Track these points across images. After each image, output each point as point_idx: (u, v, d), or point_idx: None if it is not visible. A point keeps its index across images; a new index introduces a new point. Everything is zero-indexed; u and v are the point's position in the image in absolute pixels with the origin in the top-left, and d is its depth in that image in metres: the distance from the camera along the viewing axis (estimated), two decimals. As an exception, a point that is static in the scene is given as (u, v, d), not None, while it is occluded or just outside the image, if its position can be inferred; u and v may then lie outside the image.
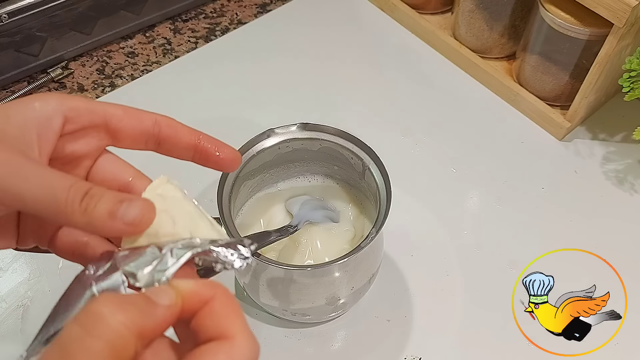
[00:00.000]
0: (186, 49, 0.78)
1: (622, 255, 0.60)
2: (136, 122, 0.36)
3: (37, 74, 0.73)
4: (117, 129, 0.35)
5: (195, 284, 0.29)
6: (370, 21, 0.81)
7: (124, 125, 0.35)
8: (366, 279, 0.52)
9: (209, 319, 0.28)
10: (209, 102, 0.72)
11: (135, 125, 0.36)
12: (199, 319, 0.28)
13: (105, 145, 0.36)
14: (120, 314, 0.26)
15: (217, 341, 0.28)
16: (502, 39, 0.73)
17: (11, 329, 0.54)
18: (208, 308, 0.28)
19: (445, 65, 0.77)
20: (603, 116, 0.72)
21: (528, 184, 0.66)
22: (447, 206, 0.64)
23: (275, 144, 0.52)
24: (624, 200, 0.65)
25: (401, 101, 0.73)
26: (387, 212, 0.47)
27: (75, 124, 0.33)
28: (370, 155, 0.51)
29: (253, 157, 0.51)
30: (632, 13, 0.56)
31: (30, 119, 0.31)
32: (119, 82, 0.74)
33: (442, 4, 0.78)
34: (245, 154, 0.51)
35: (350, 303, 0.54)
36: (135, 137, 0.36)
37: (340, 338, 0.56)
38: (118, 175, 0.36)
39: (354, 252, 0.46)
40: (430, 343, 0.55)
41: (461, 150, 0.69)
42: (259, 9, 0.83)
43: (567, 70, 0.66)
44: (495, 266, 0.60)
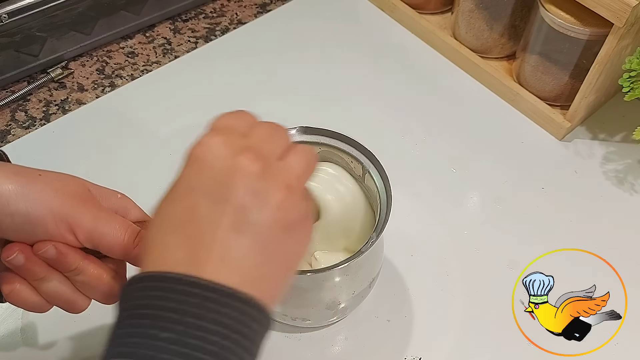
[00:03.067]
0: (186, 49, 0.78)
1: (622, 255, 0.60)
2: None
3: (37, 74, 0.73)
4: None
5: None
6: (370, 21, 0.81)
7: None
8: (367, 283, 0.51)
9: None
10: (208, 102, 0.72)
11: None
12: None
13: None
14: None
15: None
16: (502, 39, 0.73)
17: (11, 329, 0.54)
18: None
19: (445, 65, 0.77)
20: (603, 116, 0.72)
21: (528, 184, 0.66)
22: (447, 206, 0.64)
23: None
24: (624, 200, 0.65)
25: (401, 101, 0.73)
26: (387, 216, 0.47)
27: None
28: (371, 159, 0.50)
29: None
30: (632, 13, 0.56)
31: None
32: (119, 82, 0.74)
33: (442, 4, 0.78)
34: None
35: (350, 307, 0.54)
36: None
37: (340, 338, 0.55)
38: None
39: (355, 257, 0.45)
40: (431, 343, 0.55)
41: (461, 150, 0.69)
42: (259, 9, 0.83)
43: (567, 70, 0.66)
44: (495, 266, 0.60)
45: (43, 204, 0.36)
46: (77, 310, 0.39)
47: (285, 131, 0.37)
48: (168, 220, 0.33)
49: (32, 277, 0.38)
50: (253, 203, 0.32)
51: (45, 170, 0.38)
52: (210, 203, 0.32)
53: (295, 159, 0.35)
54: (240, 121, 0.36)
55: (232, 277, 0.31)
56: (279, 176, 0.33)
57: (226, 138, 0.33)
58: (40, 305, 0.39)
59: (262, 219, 0.32)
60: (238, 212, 0.31)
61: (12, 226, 0.36)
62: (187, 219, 0.32)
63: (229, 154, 0.32)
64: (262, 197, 0.32)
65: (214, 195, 0.32)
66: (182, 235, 0.32)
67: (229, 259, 0.31)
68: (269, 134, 0.35)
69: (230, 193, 0.32)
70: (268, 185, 0.32)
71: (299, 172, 0.34)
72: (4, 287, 0.38)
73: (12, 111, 0.71)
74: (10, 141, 0.68)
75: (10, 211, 0.35)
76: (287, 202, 0.32)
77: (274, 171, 0.33)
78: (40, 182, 0.37)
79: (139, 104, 0.72)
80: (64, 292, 0.38)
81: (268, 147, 0.34)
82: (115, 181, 0.44)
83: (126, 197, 0.42)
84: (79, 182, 0.39)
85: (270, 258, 0.32)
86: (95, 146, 0.68)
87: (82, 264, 0.38)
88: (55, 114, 0.70)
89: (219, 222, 0.31)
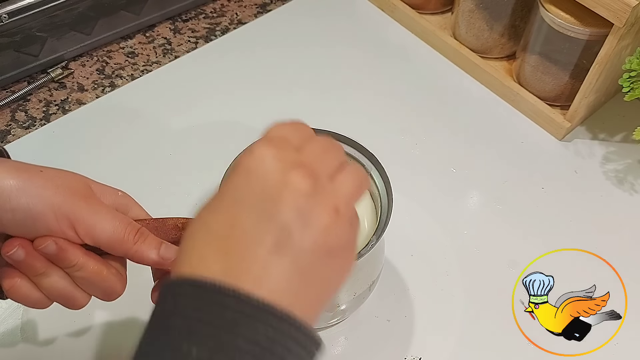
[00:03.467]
0: (186, 49, 0.78)
1: (622, 255, 0.60)
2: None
3: (37, 74, 0.73)
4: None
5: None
6: (370, 21, 0.81)
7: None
8: (367, 285, 0.51)
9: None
10: (208, 103, 0.72)
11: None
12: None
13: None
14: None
15: None
16: (502, 39, 0.73)
17: (11, 329, 0.54)
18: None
19: (445, 65, 0.77)
20: (603, 116, 0.72)
21: (528, 184, 0.66)
22: (447, 206, 0.64)
23: None
24: (624, 200, 0.65)
25: (401, 101, 0.73)
26: (388, 219, 0.47)
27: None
28: (373, 161, 0.50)
29: None
30: (632, 13, 0.56)
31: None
32: (119, 82, 0.74)
33: (442, 4, 0.78)
34: None
35: (350, 309, 0.53)
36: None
37: (340, 338, 0.55)
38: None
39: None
40: (431, 343, 0.55)
41: (461, 150, 0.69)
42: (259, 9, 0.83)
43: (567, 70, 0.66)
44: (495, 266, 0.60)
45: (44, 199, 0.36)
46: (77, 306, 0.39)
47: (340, 148, 0.35)
48: (208, 231, 0.32)
49: (33, 272, 0.38)
50: (297, 224, 0.30)
51: (46, 167, 0.38)
52: (255, 219, 0.31)
53: (347, 180, 0.34)
54: (295, 133, 0.34)
55: (267, 296, 0.29)
56: (329, 198, 0.32)
57: (279, 151, 0.32)
58: (41, 301, 0.39)
59: (305, 241, 0.31)
60: (281, 231, 0.30)
61: (13, 221, 0.36)
62: (228, 233, 0.31)
63: (280, 168, 0.31)
64: (308, 218, 0.31)
65: (260, 210, 0.31)
66: (221, 249, 0.31)
67: (267, 279, 0.30)
68: (324, 150, 0.34)
69: (277, 210, 0.30)
70: (316, 206, 0.31)
71: (349, 195, 0.33)
72: (5, 283, 0.38)
73: (12, 111, 0.71)
74: (10, 141, 0.68)
75: (11, 206, 0.36)
76: (332, 226, 0.31)
77: (324, 191, 0.32)
78: (42, 178, 0.37)
79: (139, 104, 0.72)
80: (64, 287, 0.38)
81: (321, 165, 0.33)
82: (115, 181, 0.44)
83: (127, 195, 0.42)
84: (81, 178, 0.40)
85: (308, 282, 0.31)
86: (95, 146, 0.68)
87: (82, 260, 0.38)
88: (55, 114, 0.70)
89: (261, 241, 0.30)
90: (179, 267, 0.31)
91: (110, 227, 0.38)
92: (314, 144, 0.34)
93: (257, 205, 0.31)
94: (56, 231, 0.37)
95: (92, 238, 0.38)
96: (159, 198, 0.34)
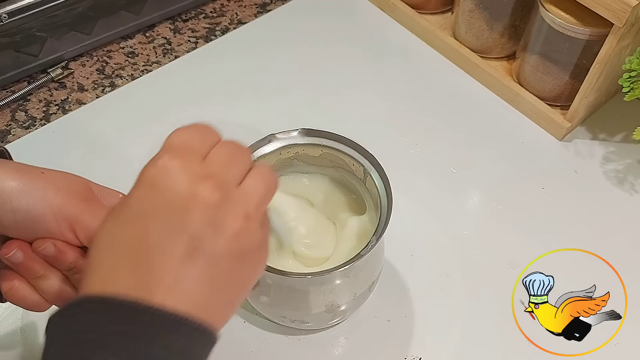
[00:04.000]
0: (186, 49, 0.78)
1: (622, 255, 0.60)
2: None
3: (37, 74, 0.73)
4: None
5: None
6: (370, 21, 0.81)
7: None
8: (367, 285, 0.51)
9: None
10: (208, 103, 0.72)
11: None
12: None
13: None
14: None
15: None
16: (502, 39, 0.73)
17: (11, 329, 0.54)
18: None
19: (445, 65, 0.77)
20: (603, 116, 0.72)
21: (528, 184, 0.66)
22: (447, 206, 0.64)
23: (276, 149, 0.52)
24: (624, 200, 0.65)
25: (401, 101, 0.73)
26: (388, 220, 0.47)
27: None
28: (372, 162, 0.50)
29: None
30: (632, 13, 0.56)
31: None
32: (119, 82, 0.74)
33: (442, 3, 0.78)
34: None
35: (350, 310, 0.53)
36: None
37: (340, 339, 0.55)
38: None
39: (354, 260, 0.45)
40: (431, 343, 0.55)
41: (461, 150, 0.69)
42: (259, 9, 0.83)
43: (567, 70, 0.66)
44: (495, 266, 0.60)
45: (45, 201, 0.36)
46: None
47: (247, 152, 0.36)
48: (116, 243, 0.32)
49: (31, 274, 0.38)
50: (208, 233, 0.31)
51: (47, 169, 0.38)
52: (163, 230, 0.31)
53: (255, 184, 0.34)
54: (200, 141, 0.34)
55: (181, 305, 0.30)
56: (238, 205, 0.32)
57: (184, 162, 0.32)
58: (39, 304, 0.39)
59: (217, 248, 0.31)
60: (192, 241, 0.31)
61: (14, 223, 0.36)
62: (137, 244, 0.31)
63: (187, 181, 0.31)
64: (218, 227, 0.31)
65: (168, 223, 0.31)
66: (131, 260, 0.31)
67: (179, 288, 0.30)
68: (230, 156, 0.34)
69: (186, 222, 0.31)
70: (226, 214, 0.31)
71: (259, 198, 0.34)
72: (3, 285, 0.38)
73: (12, 111, 0.71)
74: (10, 141, 0.68)
75: (12, 207, 0.36)
76: (243, 231, 0.32)
77: (233, 199, 0.32)
78: (43, 179, 0.37)
79: (139, 104, 0.72)
80: (62, 290, 0.38)
81: (228, 173, 0.33)
82: (115, 181, 0.44)
83: None
84: (82, 181, 0.39)
85: (221, 286, 0.32)
86: (95, 146, 0.68)
87: (81, 262, 0.38)
88: (55, 114, 0.70)
89: (171, 251, 0.30)
90: (89, 281, 0.31)
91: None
92: (219, 150, 0.34)
93: (165, 217, 0.31)
94: (56, 233, 0.37)
95: (91, 240, 0.38)
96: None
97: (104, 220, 0.33)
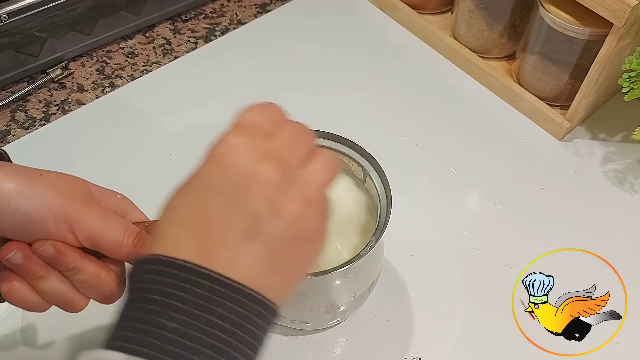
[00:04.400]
0: (186, 49, 0.78)
1: (622, 255, 0.60)
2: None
3: (37, 74, 0.73)
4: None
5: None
6: (370, 21, 0.81)
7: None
8: (366, 286, 0.51)
9: None
10: (208, 103, 0.72)
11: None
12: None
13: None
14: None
15: None
16: (502, 39, 0.73)
17: (11, 329, 0.54)
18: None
19: (445, 65, 0.77)
20: (603, 116, 0.72)
21: (528, 184, 0.66)
22: (446, 206, 0.64)
23: None
24: (624, 200, 0.65)
25: (400, 101, 0.73)
26: (387, 220, 0.47)
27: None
28: (371, 162, 0.50)
29: None
30: (632, 13, 0.56)
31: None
32: (118, 82, 0.74)
33: (442, 4, 0.78)
34: None
35: (350, 310, 0.53)
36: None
37: (340, 339, 0.55)
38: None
39: (354, 260, 0.45)
40: (431, 343, 0.55)
41: (461, 150, 0.69)
42: (258, 9, 0.83)
43: (567, 70, 0.66)
44: (495, 266, 0.60)
45: (44, 203, 0.36)
46: (76, 309, 0.39)
47: (311, 134, 0.36)
48: (181, 214, 0.33)
49: (31, 275, 0.38)
50: (267, 213, 0.31)
51: (46, 170, 0.38)
52: (225, 206, 0.32)
53: (318, 167, 0.34)
54: (266, 119, 0.35)
55: (237, 279, 0.31)
56: (298, 187, 0.33)
57: (250, 140, 0.33)
58: (39, 305, 0.39)
59: (275, 230, 0.32)
60: (251, 219, 0.31)
61: (13, 225, 0.36)
62: (200, 217, 0.32)
63: (251, 159, 0.32)
64: (277, 208, 0.32)
65: (231, 199, 0.32)
66: (193, 231, 0.32)
67: (237, 264, 0.31)
68: (295, 136, 0.35)
69: (247, 199, 0.31)
70: (286, 196, 0.32)
71: (319, 182, 0.34)
72: (3, 286, 0.38)
73: (12, 111, 0.71)
74: (10, 141, 0.68)
75: (10, 210, 0.36)
76: (302, 215, 0.32)
77: (294, 181, 0.33)
78: (42, 181, 0.37)
79: (139, 104, 0.72)
80: (62, 291, 0.38)
81: (291, 153, 0.34)
82: (115, 182, 0.44)
83: (125, 198, 0.42)
84: (80, 182, 0.39)
85: (277, 267, 0.32)
86: (95, 146, 0.68)
87: (81, 263, 0.38)
88: (55, 114, 0.70)
89: (231, 227, 0.31)
90: (153, 245, 0.32)
91: (109, 231, 0.38)
92: (285, 129, 0.35)
93: (228, 193, 0.32)
94: (55, 235, 0.37)
95: (90, 242, 0.38)
96: (158, 199, 0.34)
97: (174, 191, 0.34)
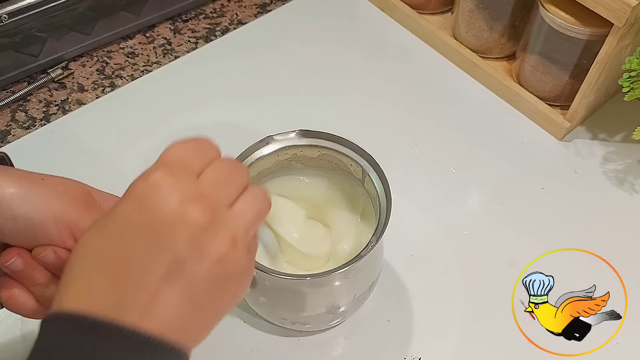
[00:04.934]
0: (186, 49, 0.78)
1: (622, 255, 0.60)
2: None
3: (37, 74, 0.73)
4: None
5: None
6: (370, 21, 0.81)
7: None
8: (366, 286, 0.51)
9: None
10: (208, 103, 0.72)
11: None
12: None
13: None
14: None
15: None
16: (502, 39, 0.73)
17: (11, 329, 0.54)
18: None
19: (445, 65, 0.77)
20: (603, 116, 0.72)
21: (528, 184, 0.66)
22: (446, 206, 0.64)
23: (274, 151, 0.51)
24: (624, 200, 0.65)
25: (401, 101, 0.73)
26: (387, 220, 0.47)
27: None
28: (371, 163, 0.50)
29: (252, 165, 0.51)
30: (632, 13, 0.56)
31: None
32: (119, 82, 0.74)
33: (442, 4, 0.78)
34: (243, 161, 0.50)
35: (350, 311, 0.53)
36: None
37: (340, 339, 0.55)
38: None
39: (354, 261, 0.45)
40: (431, 343, 0.55)
41: (461, 150, 0.69)
42: (259, 9, 0.83)
43: (567, 70, 0.66)
44: (495, 266, 0.60)
45: (45, 208, 0.36)
46: None
47: (243, 172, 0.35)
48: (96, 256, 0.31)
49: (31, 282, 0.37)
50: (192, 254, 0.30)
51: (48, 175, 0.38)
52: (145, 249, 0.30)
53: (247, 207, 0.33)
54: (196, 157, 0.33)
55: (155, 326, 0.29)
56: (226, 228, 0.31)
57: (177, 180, 0.31)
58: (39, 312, 0.38)
59: (199, 271, 0.30)
60: (173, 261, 0.30)
61: (14, 230, 0.36)
62: (116, 260, 0.30)
63: (177, 201, 0.31)
64: (202, 248, 0.30)
65: (151, 242, 0.30)
66: (109, 276, 0.30)
67: (155, 309, 0.29)
68: (225, 174, 0.33)
69: (170, 242, 0.30)
70: (212, 238, 0.31)
71: (248, 223, 0.33)
72: (2, 293, 0.37)
73: (12, 111, 0.71)
74: (10, 141, 0.68)
75: (12, 215, 0.35)
76: (228, 255, 0.31)
77: (222, 222, 0.31)
78: (43, 186, 0.36)
79: (139, 104, 0.72)
80: None
81: (220, 193, 0.32)
82: (115, 182, 0.44)
83: None
84: (82, 186, 0.39)
85: (199, 309, 0.31)
86: (95, 146, 0.68)
87: None
88: (55, 114, 0.71)
89: (150, 270, 0.30)
90: (64, 293, 0.30)
91: None
92: (215, 168, 0.33)
93: (149, 235, 0.30)
94: (57, 240, 0.37)
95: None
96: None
97: (86, 230, 0.32)
